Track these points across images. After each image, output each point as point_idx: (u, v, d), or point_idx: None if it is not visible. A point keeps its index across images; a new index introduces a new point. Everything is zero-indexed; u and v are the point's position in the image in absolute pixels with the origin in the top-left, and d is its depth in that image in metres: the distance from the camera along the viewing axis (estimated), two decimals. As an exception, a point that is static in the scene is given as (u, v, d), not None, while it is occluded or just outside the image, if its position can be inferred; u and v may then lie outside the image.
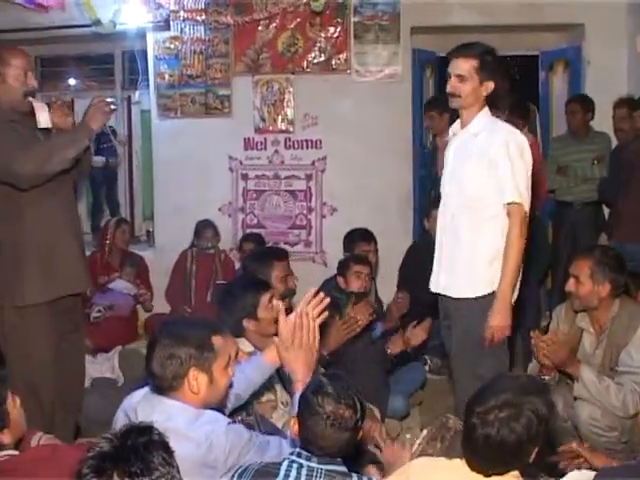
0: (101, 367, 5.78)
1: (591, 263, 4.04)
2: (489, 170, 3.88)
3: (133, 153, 8.41)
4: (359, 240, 5.74)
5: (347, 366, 4.44)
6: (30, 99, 3.98)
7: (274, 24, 7.12)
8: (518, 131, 4.09)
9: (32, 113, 3.97)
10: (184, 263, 6.98)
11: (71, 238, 4.14)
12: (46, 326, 3.98)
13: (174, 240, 7.26)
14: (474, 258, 3.98)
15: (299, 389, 2.88)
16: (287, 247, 7.13)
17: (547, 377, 4.15)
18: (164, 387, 2.67)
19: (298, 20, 7.11)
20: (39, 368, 3.96)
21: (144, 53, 7.44)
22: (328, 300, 3.10)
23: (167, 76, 7.36)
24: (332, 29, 7.08)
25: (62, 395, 4.10)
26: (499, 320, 3.84)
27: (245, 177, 7.40)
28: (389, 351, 4.94)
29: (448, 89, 4.00)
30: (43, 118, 3.97)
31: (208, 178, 7.35)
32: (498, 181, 3.85)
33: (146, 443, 1.98)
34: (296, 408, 2.67)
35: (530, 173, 3.91)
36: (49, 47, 8.00)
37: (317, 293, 3.10)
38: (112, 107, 3.96)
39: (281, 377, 3.68)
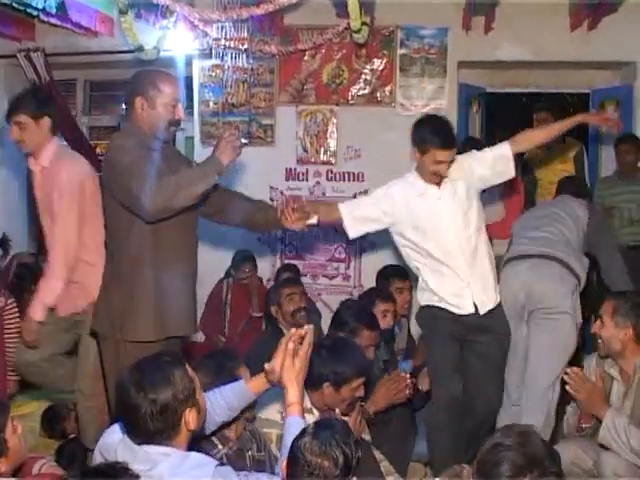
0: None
1: (615, 305, 3.96)
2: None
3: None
4: (393, 277, 5.62)
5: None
6: None
7: (319, 55, 7.10)
8: None
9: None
10: (219, 293, 6.92)
11: (187, 274, 4.03)
12: None
13: (213, 269, 7.18)
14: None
15: (293, 412, 2.80)
16: (325, 280, 7.10)
17: (586, 425, 4.01)
18: (162, 438, 2.53)
19: (344, 51, 7.07)
20: None
21: (189, 80, 7.46)
22: (307, 328, 3.04)
23: (211, 104, 7.36)
24: (378, 61, 7.03)
25: None
26: None
27: (286, 208, 7.32)
28: (420, 387, 4.78)
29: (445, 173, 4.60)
30: None
31: (248, 207, 7.30)
32: None
33: None
34: (287, 438, 2.62)
35: None
36: (98, 72, 8.08)
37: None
38: (243, 141, 3.82)
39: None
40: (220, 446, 3.19)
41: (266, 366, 2.96)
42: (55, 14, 6.33)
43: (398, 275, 5.60)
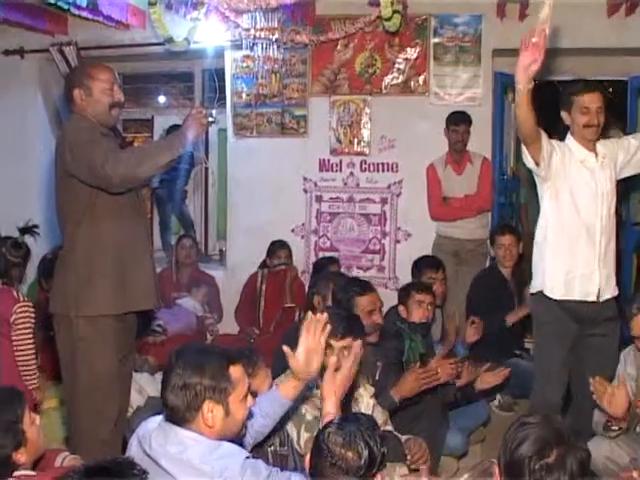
0: (158, 386, 5.66)
1: None
2: None
3: (209, 172, 8.39)
4: (426, 267, 5.57)
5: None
6: None
7: (352, 44, 7.02)
8: None
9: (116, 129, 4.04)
10: (254, 283, 6.92)
11: (145, 252, 4.10)
12: (115, 339, 3.91)
13: (246, 260, 7.21)
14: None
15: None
16: (360, 272, 7.04)
17: (616, 427, 3.90)
18: (178, 417, 2.56)
19: (377, 41, 6.99)
20: (105, 381, 3.87)
21: (222, 71, 7.44)
22: (325, 316, 2.96)
23: (244, 95, 7.34)
24: (411, 50, 6.92)
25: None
26: None
27: (319, 199, 7.30)
28: (457, 383, 4.66)
29: (594, 122, 4.34)
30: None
31: (282, 199, 7.28)
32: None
33: None
34: None
35: None
36: (131, 65, 8.06)
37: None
38: (210, 120, 3.89)
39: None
40: (240, 440, 3.16)
41: (285, 349, 2.94)
42: (86, 7, 6.35)
43: (430, 265, 5.56)
